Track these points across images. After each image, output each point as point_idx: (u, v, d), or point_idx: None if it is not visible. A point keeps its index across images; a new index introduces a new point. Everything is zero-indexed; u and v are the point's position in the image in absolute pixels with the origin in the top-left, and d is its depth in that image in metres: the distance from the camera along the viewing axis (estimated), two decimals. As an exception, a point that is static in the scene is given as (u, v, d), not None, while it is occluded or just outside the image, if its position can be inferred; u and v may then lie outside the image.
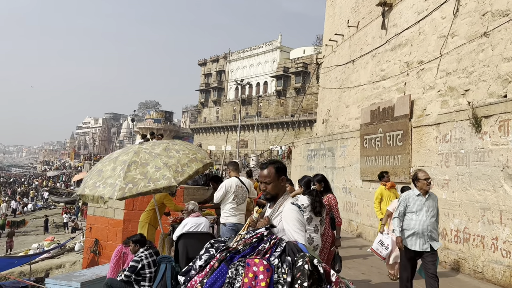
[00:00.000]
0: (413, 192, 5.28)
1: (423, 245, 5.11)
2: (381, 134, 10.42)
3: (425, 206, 5.16)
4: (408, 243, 5.17)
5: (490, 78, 7.36)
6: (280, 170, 3.10)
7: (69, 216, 28.26)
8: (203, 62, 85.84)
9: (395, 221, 5.31)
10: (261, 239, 2.75)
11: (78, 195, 6.12)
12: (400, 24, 10.68)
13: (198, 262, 2.77)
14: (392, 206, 6.61)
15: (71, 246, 19.26)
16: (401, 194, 5.57)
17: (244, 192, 6.28)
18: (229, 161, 7.84)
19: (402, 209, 5.28)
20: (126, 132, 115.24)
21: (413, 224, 5.15)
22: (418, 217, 5.13)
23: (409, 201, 5.23)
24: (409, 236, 5.17)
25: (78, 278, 8.07)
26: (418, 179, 5.23)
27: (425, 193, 5.21)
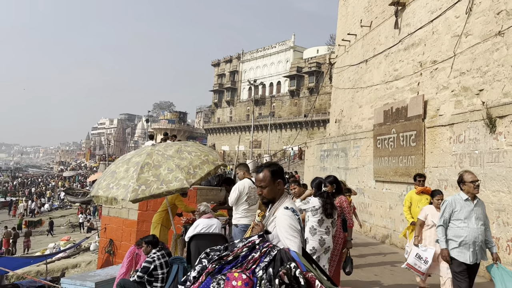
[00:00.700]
0: (460, 196, 4.68)
1: (473, 257, 4.56)
2: (395, 134, 10.34)
3: (474, 212, 4.58)
4: (455, 255, 4.61)
5: (504, 78, 7.26)
6: (275, 173, 2.98)
7: (84, 216, 28.61)
8: (216, 62, 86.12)
9: (439, 230, 4.70)
10: (253, 247, 2.63)
11: (92, 196, 6.22)
12: (413, 24, 10.60)
13: (192, 273, 2.70)
14: (422, 214, 6.00)
15: (86, 246, 19.52)
16: (446, 199, 4.88)
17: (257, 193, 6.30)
18: (239, 163, 7.85)
19: (447, 216, 4.67)
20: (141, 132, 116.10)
21: (461, 232, 4.57)
22: (467, 225, 4.55)
23: (456, 206, 4.63)
24: (456, 247, 4.60)
25: (93, 278, 8.19)
26: (464, 181, 4.64)
27: (474, 198, 4.63)
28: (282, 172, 3.06)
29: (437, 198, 5.91)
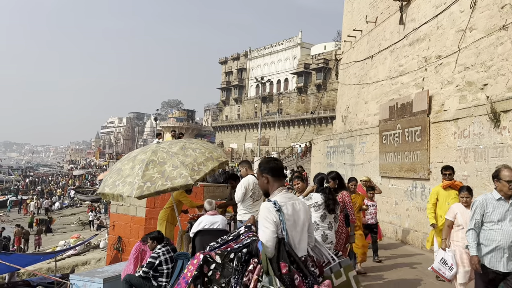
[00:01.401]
0: (492, 195, 4.20)
1: (507, 263, 3.98)
2: (400, 130, 10.34)
3: (510, 213, 4.08)
4: (487, 262, 4.08)
5: (509, 72, 7.24)
6: (260, 167, 3.10)
7: (94, 214, 28.90)
8: (224, 60, 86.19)
9: (470, 235, 4.20)
10: (238, 236, 2.93)
11: (99, 193, 6.32)
12: (418, 19, 10.57)
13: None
14: (451, 213, 5.38)
15: (96, 244, 19.73)
16: (475, 199, 4.40)
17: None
18: (241, 161, 7.94)
19: (478, 218, 4.18)
20: (150, 131, 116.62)
21: (495, 236, 4.06)
22: (501, 227, 4.05)
23: (488, 207, 4.16)
24: (488, 252, 4.08)
25: (101, 275, 8.32)
26: (499, 178, 4.13)
27: (508, 198, 4.10)
28: (269, 167, 3.10)
29: (462, 196, 5.47)
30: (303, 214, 2.98)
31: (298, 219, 2.93)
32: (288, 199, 2.97)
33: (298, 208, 2.96)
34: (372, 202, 8.16)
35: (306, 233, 2.98)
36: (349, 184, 7.03)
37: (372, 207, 8.12)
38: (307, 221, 3.01)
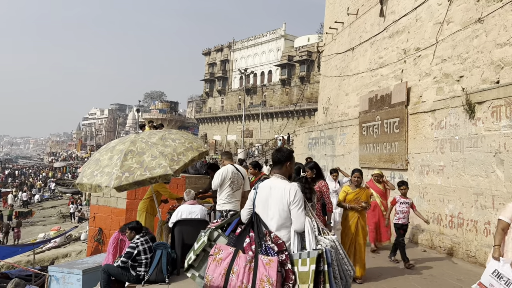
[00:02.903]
0: None
1: None
2: (379, 121, 10.47)
3: None
4: None
5: (483, 64, 7.38)
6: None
7: (75, 206, 28.59)
8: (207, 51, 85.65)
9: None
10: None
11: (77, 184, 6.28)
12: (398, 11, 10.67)
13: None
14: (508, 213, 4.25)
15: (77, 236, 19.57)
16: None
17: (240, 179, 6.33)
18: (222, 152, 7.98)
19: None
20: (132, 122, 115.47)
21: None
22: None
23: None
24: None
25: (80, 266, 8.30)
26: None
27: None
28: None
29: None
30: (278, 199, 3.32)
31: (270, 200, 3.36)
32: (269, 184, 3.44)
33: (273, 193, 3.36)
34: (404, 199, 6.97)
35: (277, 213, 3.31)
36: (352, 177, 6.40)
37: (405, 205, 6.94)
38: (280, 206, 3.31)
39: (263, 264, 3.08)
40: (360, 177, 6.34)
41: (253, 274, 3.08)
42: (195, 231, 6.18)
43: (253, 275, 3.07)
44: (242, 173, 6.44)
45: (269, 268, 3.04)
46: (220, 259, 3.19)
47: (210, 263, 3.23)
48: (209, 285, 3.17)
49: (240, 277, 3.09)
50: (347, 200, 6.21)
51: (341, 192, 6.39)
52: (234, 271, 3.13)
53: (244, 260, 3.14)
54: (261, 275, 3.04)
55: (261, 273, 3.05)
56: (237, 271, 3.11)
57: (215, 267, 3.18)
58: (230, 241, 3.38)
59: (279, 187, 3.37)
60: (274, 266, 3.04)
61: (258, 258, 3.12)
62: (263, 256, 3.12)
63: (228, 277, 3.12)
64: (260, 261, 3.09)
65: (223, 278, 3.13)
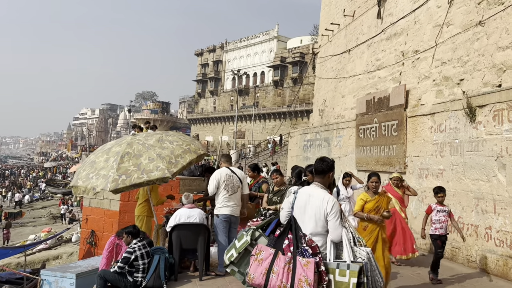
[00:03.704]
0: None
1: None
2: (376, 124, 10.40)
3: None
4: None
5: (484, 68, 7.33)
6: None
7: (66, 207, 28.26)
8: (199, 52, 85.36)
9: None
10: None
11: (71, 187, 6.11)
12: (396, 13, 10.61)
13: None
14: None
15: (68, 237, 19.31)
16: None
17: (236, 181, 6.16)
18: (221, 154, 7.81)
19: None
20: (123, 123, 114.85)
21: None
22: None
23: None
24: None
25: (74, 270, 8.10)
26: None
27: None
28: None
29: None
30: (316, 207, 3.50)
31: (307, 207, 3.55)
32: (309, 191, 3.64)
33: (312, 200, 3.54)
34: (441, 207, 6.24)
35: (313, 220, 3.50)
36: (369, 182, 5.65)
37: (442, 213, 6.18)
38: (317, 215, 3.49)
39: (301, 265, 3.28)
40: (378, 182, 5.61)
41: (292, 274, 3.28)
42: (194, 235, 6.07)
43: (292, 275, 3.28)
44: (239, 176, 6.27)
45: (307, 269, 3.24)
46: (261, 259, 3.41)
47: (252, 263, 3.45)
48: (251, 282, 3.42)
49: (279, 277, 3.29)
50: (365, 209, 5.46)
51: (358, 200, 5.55)
52: (274, 271, 3.34)
53: (283, 261, 3.35)
54: (300, 275, 3.25)
55: (299, 273, 3.25)
56: (277, 271, 3.32)
57: (257, 267, 3.40)
58: (270, 242, 3.60)
59: (318, 196, 3.54)
60: (311, 267, 3.24)
61: (296, 259, 3.32)
62: (301, 258, 3.32)
63: (269, 276, 3.34)
64: (298, 262, 3.30)
65: (264, 277, 3.35)
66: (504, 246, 6.48)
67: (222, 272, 6.00)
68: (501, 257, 6.48)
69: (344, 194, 7.60)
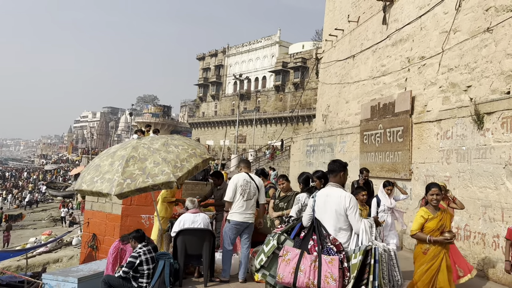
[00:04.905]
0: None
1: None
2: (381, 130, 10.34)
3: None
4: None
5: (493, 74, 7.28)
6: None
7: (66, 210, 28.19)
8: (201, 56, 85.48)
9: None
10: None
11: (76, 190, 6.06)
12: (401, 19, 10.58)
13: None
14: None
15: (68, 241, 19.22)
16: None
17: (253, 188, 5.96)
18: (241, 159, 7.73)
19: None
20: (124, 126, 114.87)
21: None
22: None
23: None
24: None
25: (76, 274, 7.99)
26: None
27: None
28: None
29: None
30: (335, 205, 3.84)
31: (327, 206, 3.87)
32: (326, 192, 4.00)
33: (330, 199, 3.88)
34: None
35: (333, 218, 3.83)
36: (427, 195, 4.64)
37: None
38: (338, 211, 3.82)
39: (326, 262, 3.58)
40: (440, 194, 4.61)
41: (318, 271, 3.56)
42: (199, 241, 6.00)
43: (318, 272, 3.56)
44: (257, 183, 6.11)
45: (332, 266, 3.54)
46: (289, 259, 3.69)
47: (280, 263, 3.72)
48: (281, 281, 3.68)
49: (307, 274, 3.58)
50: (427, 229, 4.50)
51: (418, 218, 4.59)
52: (301, 269, 3.62)
53: (309, 260, 3.64)
54: (325, 272, 3.54)
55: (325, 270, 3.54)
56: (304, 269, 3.60)
57: (285, 266, 3.68)
58: (296, 244, 3.90)
59: (335, 194, 3.88)
60: (336, 264, 3.55)
61: (321, 257, 3.62)
62: (325, 256, 3.63)
63: (297, 275, 3.61)
64: (323, 260, 3.60)
65: (293, 276, 3.62)
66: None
67: (226, 278, 5.93)
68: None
69: (386, 204, 6.86)
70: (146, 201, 10.68)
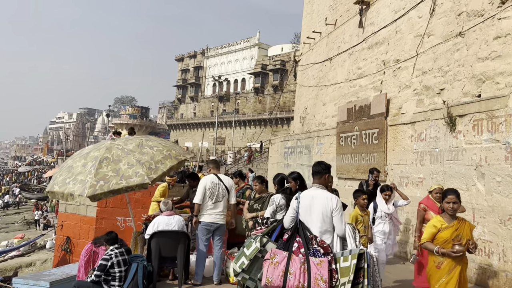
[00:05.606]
0: None
1: None
2: (357, 132, 10.44)
3: None
4: None
5: (464, 78, 7.43)
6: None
7: (40, 213, 27.58)
8: (180, 57, 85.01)
9: None
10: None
11: (47, 192, 5.93)
12: (377, 23, 10.72)
13: None
14: None
15: (42, 244, 18.81)
16: None
17: (222, 189, 5.99)
18: (209, 160, 7.70)
19: None
20: (101, 127, 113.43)
21: None
22: None
23: None
24: None
25: (48, 278, 7.82)
26: None
27: None
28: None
29: None
30: (321, 206, 3.83)
31: (312, 208, 3.85)
32: (311, 193, 3.97)
33: (316, 201, 3.86)
34: None
35: (320, 219, 3.81)
36: (444, 203, 4.21)
37: None
38: (324, 212, 3.82)
39: (314, 264, 3.56)
40: (458, 202, 4.11)
41: (308, 274, 3.54)
42: (173, 243, 5.93)
43: (308, 274, 3.54)
44: (226, 184, 6.11)
45: (321, 268, 3.53)
46: (277, 262, 3.64)
47: (268, 266, 3.64)
48: (270, 285, 3.61)
49: (297, 277, 3.54)
50: (440, 239, 4.08)
51: (429, 227, 4.21)
52: (291, 272, 3.57)
53: (299, 262, 3.60)
54: (315, 274, 3.52)
55: (314, 272, 3.53)
56: (294, 272, 3.56)
57: (274, 269, 3.62)
58: (279, 246, 3.81)
59: (321, 195, 3.88)
60: (325, 266, 3.54)
61: (309, 259, 3.60)
62: (313, 258, 3.61)
63: (286, 278, 3.56)
64: (312, 262, 3.58)
65: (282, 279, 3.57)
66: (482, 255, 6.54)
67: (198, 282, 5.88)
68: (479, 266, 6.52)
69: (383, 210, 6.53)
70: (121, 204, 10.55)
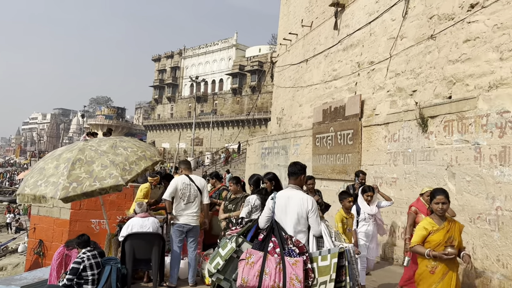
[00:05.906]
0: None
1: None
2: (333, 133, 10.55)
3: None
4: None
5: (436, 80, 7.59)
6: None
7: (13, 215, 26.95)
8: (157, 57, 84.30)
9: None
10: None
11: (17, 195, 5.80)
12: (352, 25, 10.85)
13: None
14: None
15: (14, 248, 18.39)
16: None
17: (194, 190, 6.01)
18: (180, 160, 7.65)
19: None
20: (76, 128, 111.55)
21: None
22: None
23: None
24: None
25: (19, 282, 7.66)
26: None
27: None
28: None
29: None
30: (297, 207, 3.82)
31: (288, 208, 3.84)
32: (287, 193, 3.96)
33: (292, 201, 3.85)
34: None
35: (295, 219, 3.81)
36: (433, 204, 4.07)
37: None
38: (299, 213, 3.81)
39: (290, 264, 3.57)
40: (446, 202, 3.98)
41: (283, 273, 3.54)
42: (148, 245, 5.89)
43: (283, 274, 3.54)
44: (198, 185, 6.12)
45: (296, 268, 3.53)
46: (253, 263, 3.63)
47: (244, 266, 3.63)
48: (245, 285, 3.59)
49: (272, 277, 3.54)
50: (432, 242, 3.91)
51: (419, 229, 4.06)
52: (266, 272, 3.58)
53: (274, 262, 3.60)
54: (290, 274, 3.53)
55: (289, 272, 3.54)
56: (269, 272, 3.57)
57: (249, 270, 3.61)
58: (255, 246, 3.80)
59: (297, 196, 3.88)
60: (300, 265, 3.55)
61: (284, 259, 3.60)
62: (288, 258, 3.61)
63: (262, 278, 3.56)
64: (287, 262, 3.58)
65: (257, 279, 3.56)
66: (453, 252, 6.68)
67: (173, 284, 5.84)
68: (450, 263, 6.67)
69: (366, 211, 6.45)
70: (96, 206, 10.39)
